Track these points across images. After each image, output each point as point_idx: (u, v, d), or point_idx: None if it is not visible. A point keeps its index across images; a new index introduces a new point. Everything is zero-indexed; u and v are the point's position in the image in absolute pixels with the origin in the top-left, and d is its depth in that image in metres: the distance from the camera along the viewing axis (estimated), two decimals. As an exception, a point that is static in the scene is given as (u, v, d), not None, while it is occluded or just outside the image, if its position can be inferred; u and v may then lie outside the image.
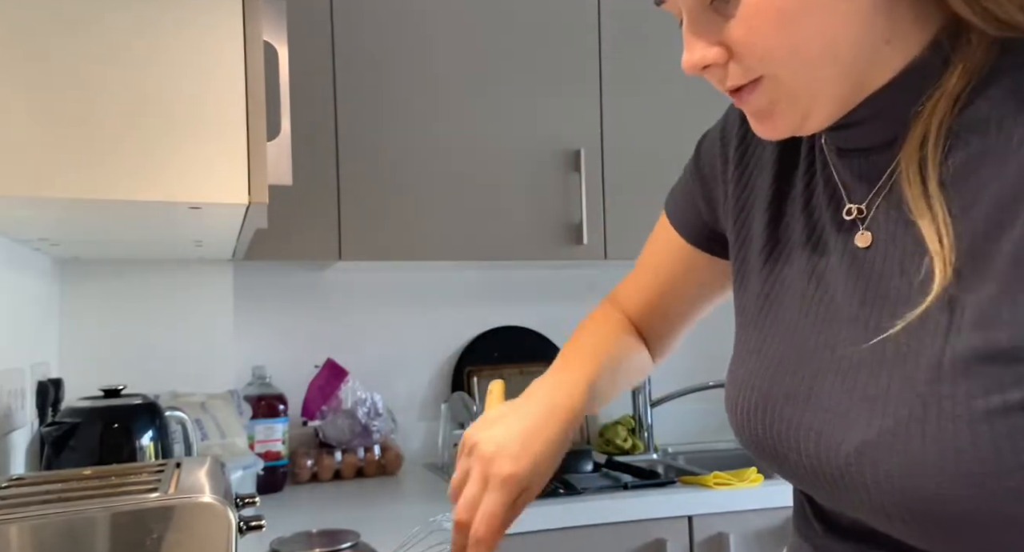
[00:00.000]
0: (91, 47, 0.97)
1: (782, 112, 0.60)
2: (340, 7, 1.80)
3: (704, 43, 0.58)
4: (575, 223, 1.93)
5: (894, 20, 0.56)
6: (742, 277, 0.73)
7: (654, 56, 1.99)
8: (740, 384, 0.67)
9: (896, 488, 0.53)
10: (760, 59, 0.57)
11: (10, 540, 0.71)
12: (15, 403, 1.39)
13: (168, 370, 1.89)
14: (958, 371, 0.51)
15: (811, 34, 0.55)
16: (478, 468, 0.69)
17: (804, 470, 0.61)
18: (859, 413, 0.56)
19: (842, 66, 0.57)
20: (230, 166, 1.01)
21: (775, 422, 0.62)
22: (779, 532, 1.68)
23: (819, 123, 0.60)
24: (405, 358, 2.16)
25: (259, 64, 1.03)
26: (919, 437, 0.52)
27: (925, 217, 0.55)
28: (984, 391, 0.50)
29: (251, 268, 2.02)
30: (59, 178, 0.96)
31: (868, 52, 0.57)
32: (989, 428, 0.50)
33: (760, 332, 0.67)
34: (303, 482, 1.91)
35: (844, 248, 0.62)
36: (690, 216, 0.82)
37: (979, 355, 0.51)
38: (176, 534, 0.75)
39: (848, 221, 0.62)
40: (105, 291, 1.87)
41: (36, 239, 1.42)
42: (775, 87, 0.58)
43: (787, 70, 0.57)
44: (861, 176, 0.62)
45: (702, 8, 0.58)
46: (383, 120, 1.82)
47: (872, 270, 0.59)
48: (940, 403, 0.52)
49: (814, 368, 0.61)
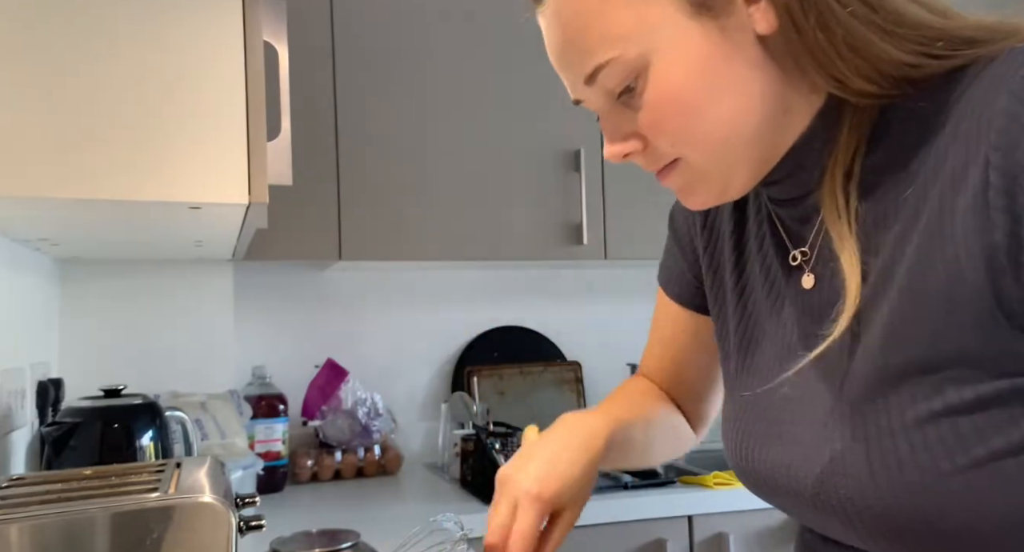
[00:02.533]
0: (91, 47, 0.97)
1: (699, 189, 0.64)
2: (340, 7, 1.80)
3: (620, 135, 0.63)
4: (575, 223, 1.93)
5: (788, 91, 0.60)
6: (721, 324, 0.77)
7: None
8: (728, 431, 0.71)
9: (859, 508, 0.56)
10: (671, 144, 0.61)
11: (10, 540, 0.71)
12: (15, 403, 1.39)
13: (168, 370, 1.89)
14: (886, 387, 0.55)
15: (713, 119, 0.59)
16: (507, 495, 0.71)
17: (789, 502, 0.64)
18: (815, 441, 0.60)
19: (747, 142, 0.61)
20: (230, 166, 1.01)
21: (754, 461, 0.67)
22: (779, 532, 1.68)
23: (739, 191, 0.65)
24: (405, 358, 2.16)
25: (259, 64, 1.03)
26: (863, 455, 0.56)
27: (843, 255, 0.59)
28: (912, 402, 0.54)
29: (251, 268, 2.02)
30: (59, 178, 0.96)
31: (770, 125, 0.61)
32: (922, 437, 0.53)
33: (738, 377, 0.72)
34: (303, 482, 1.91)
35: (795, 291, 0.66)
36: (681, 282, 0.85)
37: (898, 371, 0.55)
38: (176, 534, 0.75)
39: (794, 265, 0.67)
40: (105, 291, 1.87)
41: (36, 239, 1.42)
42: (688, 169, 0.63)
43: (696, 152, 0.61)
44: (801, 221, 0.67)
45: (612, 104, 0.62)
46: (383, 120, 1.82)
47: (814, 309, 0.64)
48: (877, 420, 0.56)
49: (779, 407, 0.65)
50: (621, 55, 0.59)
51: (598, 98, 0.63)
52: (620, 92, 0.61)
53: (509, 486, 0.71)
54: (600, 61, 0.60)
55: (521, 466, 0.71)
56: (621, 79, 0.60)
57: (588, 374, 2.25)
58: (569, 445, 0.73)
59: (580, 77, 0.62)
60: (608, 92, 0.61)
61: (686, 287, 0.85)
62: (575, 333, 2.28)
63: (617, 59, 0.59)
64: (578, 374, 2.23)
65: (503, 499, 0.71)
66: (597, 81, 0.61)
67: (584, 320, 2.30)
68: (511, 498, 0.70)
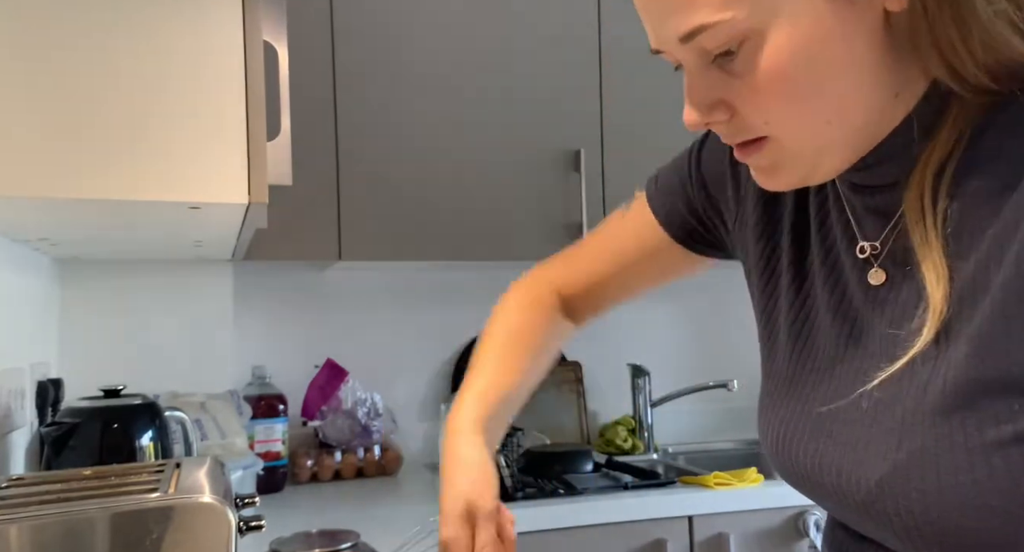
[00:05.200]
0: (91, 47, 0.97)
1: (784, 171, 0.59)
2: (340, 7, 1.80)
3: (706, 100, 0.57)
4: (575, 223, 1.93)
5: (900, 72, 0.55)
6: (771, 309, 0.72)
7: (654, 56, 1.99)
8: (770, 415, 0.68)
9: (920, 522, 0.54)
10: (767, 122, 0.56)
11: (10, 540, 0.71)
12: (15, 403, 1.39)
13: (168, 370, 1.89)
14: (964, 403, 0.52)
15: (822, 101, 0.55)
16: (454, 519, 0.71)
17: (832, 500, 0.62)
18: (877, 447, 0.57)
19: (851, 127, 0.57)
20: (230, 166, 1.01)
21: (801, 455, 0.63)
22: (779, 532, 1.68)
23: (824, 177, 0.60)
24: (405, 358, 2.16)
25: (259, 64, 1.03)
26: (933, 470, 0.53)
27: (927, 260, 0.55)
28: (995, 421, 0.51)
29: (251, 268, 2.02)
30: (59, 178, 0.96)
31: (878, 110, 0.56)
32: (1004, 459, 0.50)
33: (790, 366, 0.68)
34: (303, 482, 1.91)
35: (860, 285, 0.63)
36: (678, 214, 0.82)
37: (981, 387, 0.52)
38: (176, 534, 0.75)
39: (862, 258, 0.63)
40: (105, 291, 1.87)
41: (36, 239, 1.42)
42: (778, 149, 0.58)
43: (793, 133, 0.56)
44: (875, 211, 0.62)
45: (704, 65, 0.56)
46: (383, 120, 1.82)
47: (886, 307, 0.60)
48: (951, 436, 0.52)
49: (837, 405, 0.61)
50: (733, 18, 0.52)
51: (688, 56, 0.56)
52: (717, 55, 0.55)
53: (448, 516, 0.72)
54: (706, 21, 0.53)
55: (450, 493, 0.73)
56: (724, 43, 0.53)
57: (588, 374, 2.24)
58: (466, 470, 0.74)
59: (674, 32, 0.55)
60: (702, 53, 0.55)
61: (682, 219, 0.81)
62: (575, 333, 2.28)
63: (727, 22, 0.52)
64: (578, 374, 2.23)
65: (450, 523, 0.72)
66: (695, 41, 0.54)
67: (584, 320, 2.29)
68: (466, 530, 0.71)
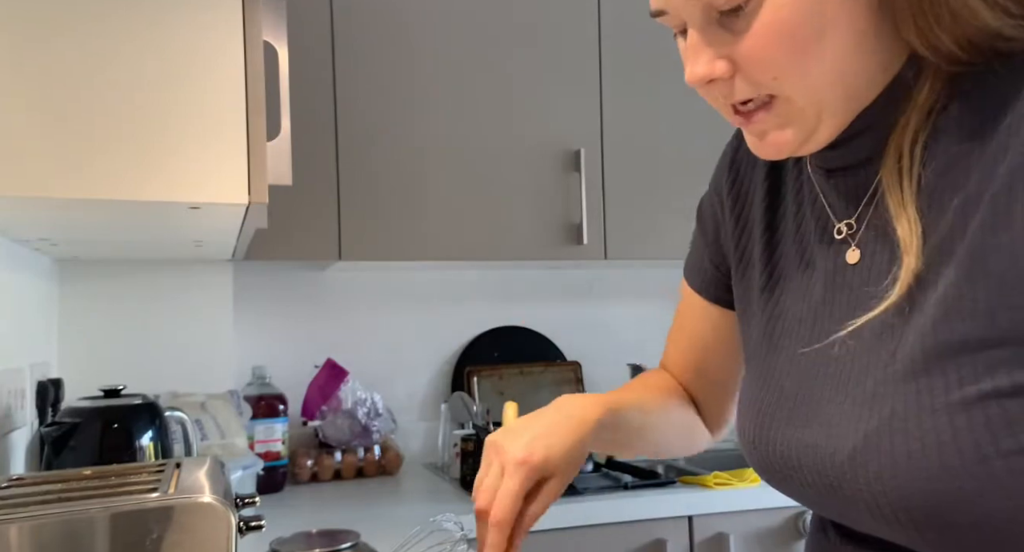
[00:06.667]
0: (91, 47, 0.97)
1: (791, 130, 0.60)
2: (340, 7, 1.80)
3: (710, 56, 0.59)
4: (575, 223, 1.93)
5: (887, 43, 0.58)
6: (745, 306, 0.75)
7: (654, 56, 1.99)
8: (747, 412, 0.69)
9: (888, 488, 0.54)
10: (773, 77, 0.58)
11: (10, 540, 0.71)
12: (15, 403, 1.39)
13: (168, 370, 1.89)
14: (932, 365, 0.53)
15: (823, 56, 0.56)
16: (496, 460, 0.71)
17: (808, 487, 0.62)
18: (849, 420, 0.58)
19: (847, 88, 0.58)
20: (230, 166, 1.01)
21: (777, 443, 0.64)
22: (779, 532, 1.68)
23: (819, 143, 0.61)
24: (405, 358, 2.16)
25: (259, 64, 1.03)
26: (902, 434, 0.54)
27: (901, 219, 0.57)
28: (959, 382, 0.52)
29: (251, 268, 2.02)
30: (59, 178, 0.96)
31: (868, 74, 0.59)
32: (967, 419, 0.51)
33: (764, 361, 0.69)
34: (303, 482, 1.91)
35: (835, 267, 0.64)
36: (706, 276, 0.83)
37: (949, 348, 0.53)
38: (176, 534, 0.75)
39: (839, 240, 0.64)
40: (105, 291, 1.87)
41: (36, 239, 1.42)
42: (787, 107, 0.59)
43: (798, 90, 0.58)
44: (848, 194, 0.64)
45: (709, 22, 0.58)
46: (383, 120, 1.82)
47: (858, 283, 0.61)
48: (919, 398, 0.53)
49: (813, 391, 0.62)
50: None
51: (694, 12, 0.58)
52: (723, 12, 0.56)
53: (498, 452, 0.71)
54: None
55: (512, 435, 0.72)
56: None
57: (588, 374, 2.24)
58: (560, 421, 0.73)
59: None
60: (708, 8, 0.57)
61: (709, 279, 0.82)
62: (575, 333, 2.28)
63: None
64: (578, 374, 2.23)
65: (493, 464, 0.71)
66: None
67: (584, 320, 2.30)
68: (499, 463, 0.71)
